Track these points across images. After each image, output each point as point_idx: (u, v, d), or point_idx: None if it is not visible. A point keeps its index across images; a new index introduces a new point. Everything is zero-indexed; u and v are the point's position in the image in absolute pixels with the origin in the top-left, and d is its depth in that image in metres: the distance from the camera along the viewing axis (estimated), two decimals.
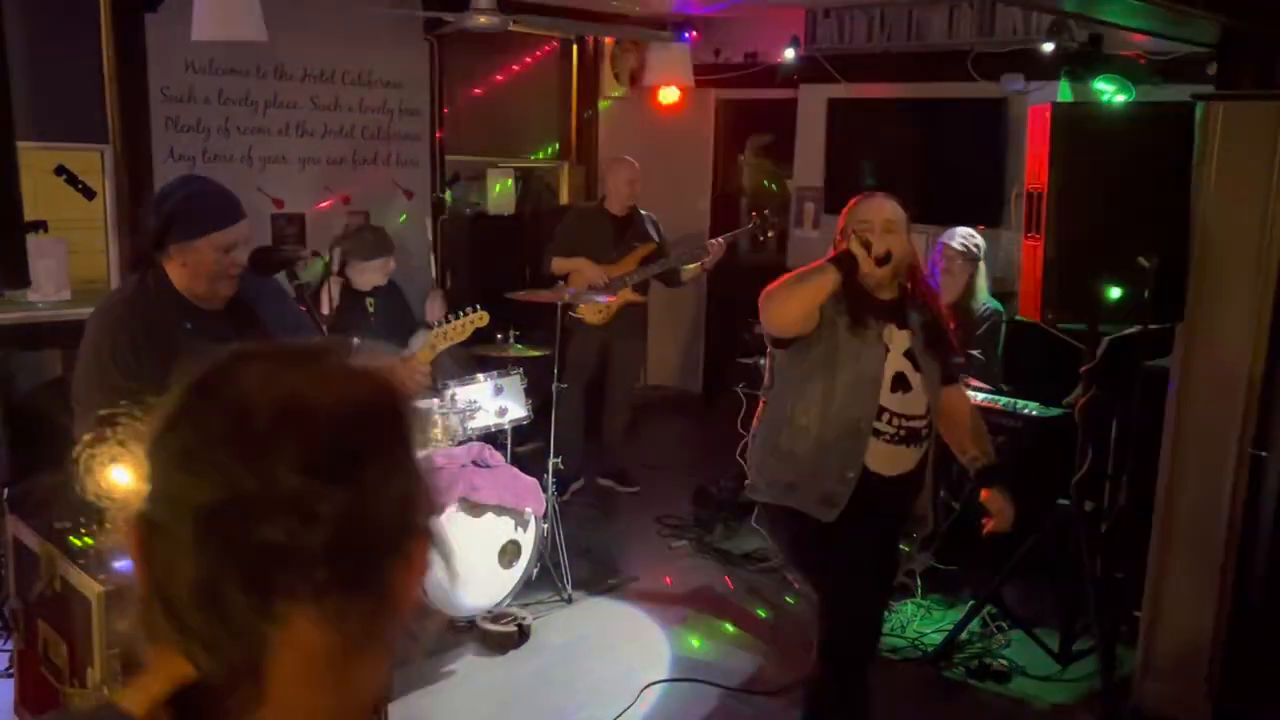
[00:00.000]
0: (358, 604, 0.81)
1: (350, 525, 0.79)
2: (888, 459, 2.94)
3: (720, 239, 5.66)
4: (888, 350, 2.92)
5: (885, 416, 2.90)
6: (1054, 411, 4.42)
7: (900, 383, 2.93)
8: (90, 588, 1.79)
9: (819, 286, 2.81)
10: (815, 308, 2.84)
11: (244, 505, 0.77)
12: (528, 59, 6.90)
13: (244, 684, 0.79)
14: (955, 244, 4.74)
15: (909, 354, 2.96)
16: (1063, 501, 3.89)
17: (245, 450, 0.78)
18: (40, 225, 5.00)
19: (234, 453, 0.78)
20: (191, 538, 0.78)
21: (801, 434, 2.94)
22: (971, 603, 4.18)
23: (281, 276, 2.86)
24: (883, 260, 2.84)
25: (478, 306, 3.24)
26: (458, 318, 3.23)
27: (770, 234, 5.88)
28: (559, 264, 5.51)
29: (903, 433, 2.93)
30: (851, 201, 3.03)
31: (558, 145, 7.17)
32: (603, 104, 7.23)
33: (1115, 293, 3.52)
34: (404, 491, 0.85)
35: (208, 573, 0.77)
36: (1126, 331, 4.04)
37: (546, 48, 7.01)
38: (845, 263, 2.84)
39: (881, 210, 2.95)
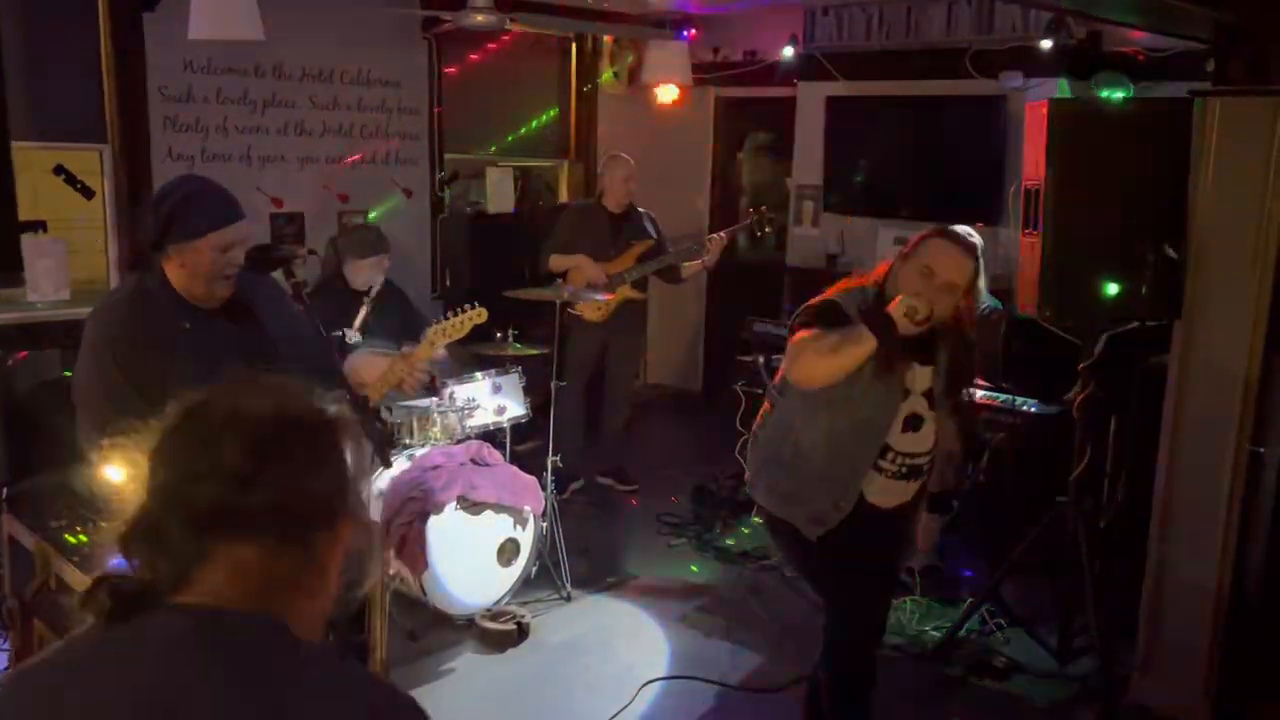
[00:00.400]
0: (288, 553, 1.15)
1: (280, 495, 1.13)
2: (886, 492, 2.91)
3: (720, 234, 5.66)
4: (908, 394, 2.84)
5: (890, 455, 2.86)
6: (1052, 408, 4.42)
7: (912, 423, 2.87)
8: (85, 585, 1.79)
9: (854, 356, 2.66)
10: (846, 373, 2.71)
11: (194, 474, 1.13)
12: (526, 57, 6.90)
13: (168, 584, 1.13)
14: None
15: (928, 394, 2.88)
16: (1061, 499, 3.89)
17: (202, 440, 1.15)
18: (39, 225, 5.02)
19: (193, 443, 1.15)
20: (151, 494, 1.14)
21: (803, 456, 2.90)
22: (970, 600, 4.19)
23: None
24: (923, 323, 2.69)
25: (476, 304, 3.23)
26: (457, 315, 3.22)
27: (768, 230, 5.86)
28: (557, 261, 5.51)
29: (904, 469, 2.89)
30: (929, 232, 2.86)
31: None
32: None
33: (1113, 289, 3.51)
34: (330, 482, 1.18)
35: (156, 514, 1.14)
36: (1125, 328, 4.04)
37: (545, 46, 7.01)
38: (884, 330, 2.65)
39: (949, 267, 2.76)
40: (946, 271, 2.76)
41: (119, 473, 2.40)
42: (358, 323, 4.70)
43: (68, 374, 4.80)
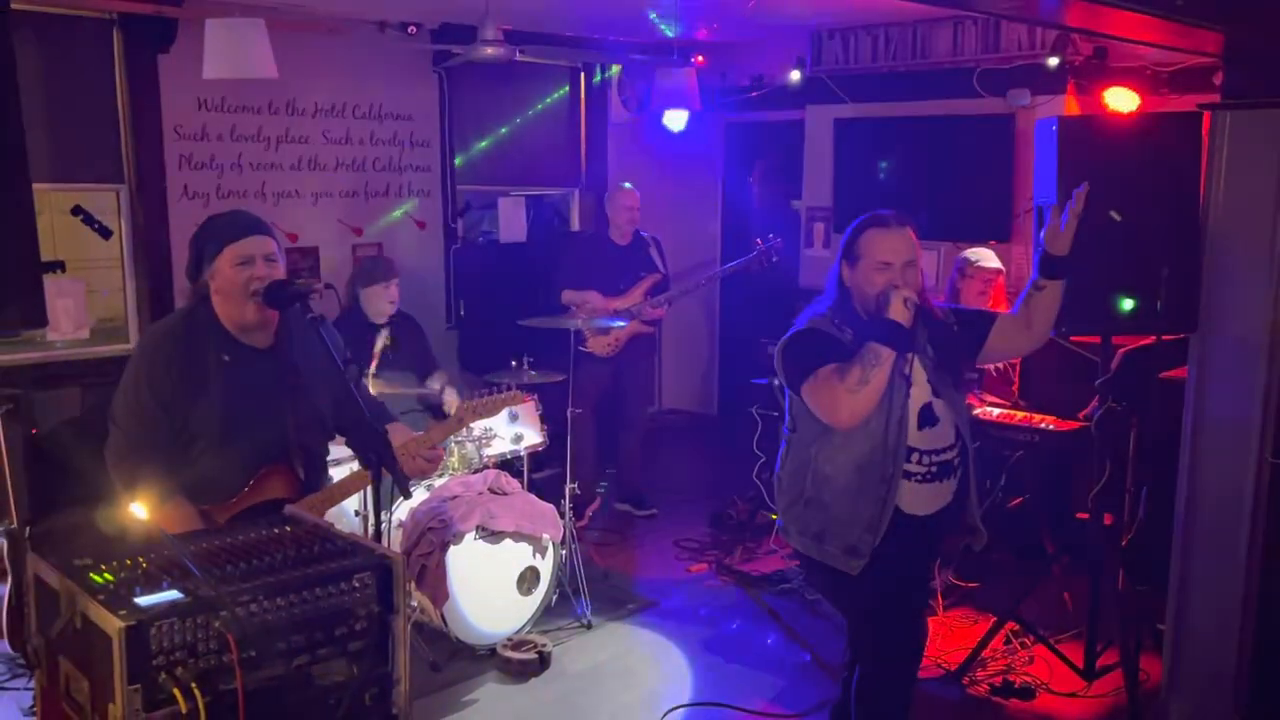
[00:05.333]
0: None
1: None
2: (921, 499, 2.83)
3: (761, 243, 5.62)
4: (911, 385, 2.77)
5: (914, 456, 2.79)
6: (1071, 425, 4.40)
7: (926, 417, 2.81)
8: (110, 624, 1.80)
9: (882, 376, 2.64)
10: (880, 395, 2.68)
11: None
12: (536, 87, 6.95)
13: None
14: (990, 264, 4.74)
15: (932, 381, 2.85)
16: (1082, 515, 3.86)
17: None
18: (58, 265, 5.07)
19: None
20: None
21: (826, 482, 2.83)
22: (994, 619, 4.16)
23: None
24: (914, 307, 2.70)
25: (513, 386, 3.18)
26: (493, 394, 3.17)
27: (775, 259, 5.77)
28: (569, 296, 5.59)
29: (934, 469, 2.82)
30: (858, 229, 2.84)
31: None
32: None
33: (1128, 304, 3.50)
34: None
35: None
36: (1141, 343, 4.03)
37: (555, 77, 7.07)
38: (896, 336, 2.65)
39: (897, 247, 2.77)
40: (899, 254, 2.77)
41: (142, 510, 2.42)
42: (376, 350, 4.74)
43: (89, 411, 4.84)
